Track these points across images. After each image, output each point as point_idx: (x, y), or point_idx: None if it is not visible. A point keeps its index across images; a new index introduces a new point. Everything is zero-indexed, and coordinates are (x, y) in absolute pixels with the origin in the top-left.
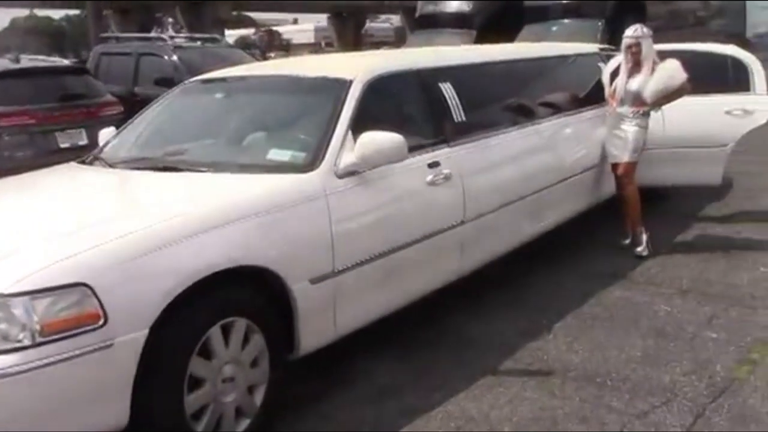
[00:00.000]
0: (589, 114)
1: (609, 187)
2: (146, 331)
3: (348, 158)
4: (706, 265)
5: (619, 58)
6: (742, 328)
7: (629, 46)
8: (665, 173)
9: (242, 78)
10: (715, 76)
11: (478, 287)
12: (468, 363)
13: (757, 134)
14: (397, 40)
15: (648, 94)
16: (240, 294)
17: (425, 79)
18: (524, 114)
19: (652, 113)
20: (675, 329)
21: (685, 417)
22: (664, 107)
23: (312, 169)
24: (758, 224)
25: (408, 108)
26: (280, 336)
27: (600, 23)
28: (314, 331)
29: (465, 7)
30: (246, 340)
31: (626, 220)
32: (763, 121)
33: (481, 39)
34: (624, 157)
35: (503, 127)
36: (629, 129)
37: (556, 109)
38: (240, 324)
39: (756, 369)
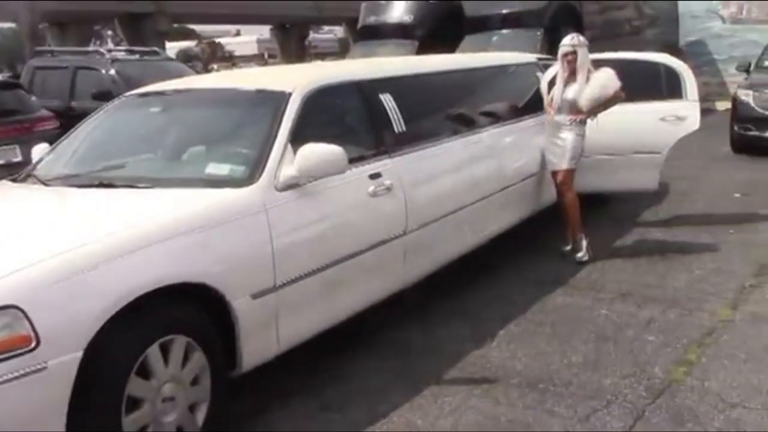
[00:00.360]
0: (528, 123)
1: (550, 195)
2: (80, 353)
3: (288, 171)
4: (644, 269)
5: (556, 67)
6: (679, 330)
7: (566, 54)
8: (603, 179)
9: (181, 91)
10: (649, 84)
11: (423, 297)
12: (413, 373)
13: (689, 140)
14: (341, 51)
15: (583, 102)
16: (179, 311)
17: (365, 91)
18: (465, 123)
19: (589, 121)
20: (615, 333)
21: (626, 419)
22: (600, 115)
23: (251, 183)
24: (693, 227)
25: (348, 120)
26: (222, 353)
27: (539, 33)
28: (256, 347)
29: (406, 18)
30: (186, 358)
31: (567, 226)
32: (696, 127)
33: (422, 49)
34: (563, 164)
35: (444, 137)
36: (567, 137)
37: (496, 118)
38: (180, 342)
39: (692, 370)
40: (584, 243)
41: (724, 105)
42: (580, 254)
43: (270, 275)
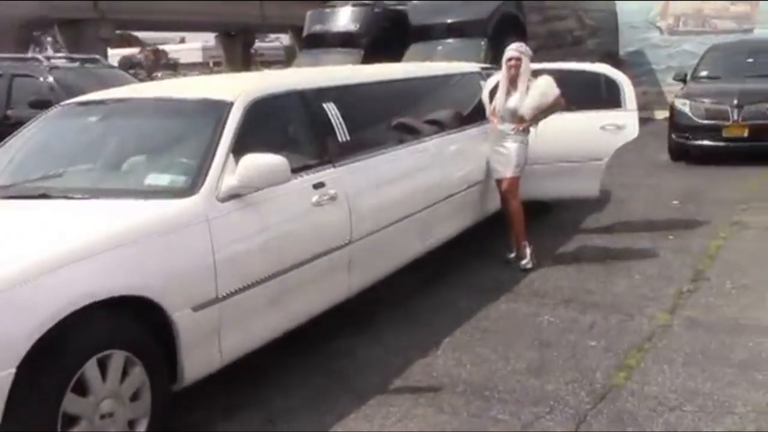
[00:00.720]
0: (472, 131)
1: (494, 202)
2: (13, 370)
3: (230, 181)
4: (586, 275)
5: (498, 76)
6: (620, 335)
7: (510, 59)
8: (547, 187)
9: (121, 100)
10: (589, 94)
11: (369, 306)
12: (359, 383)
13: (629, 148)
14: (288, 59)
15: (524, 110)
16: (117, 325)
17: (309, 100)
18: (410, 132)
19: (532, 129)
20: (558, 339)
21: (568, 424)
22: (542, 123)
23: (192, 194)
24: (633, 234)
25: (292, 129)
26: (163, 366)
27: (482, 42)
28: (199, 360)
29: (352, 26)
30: (125, 372)
31: (511, 233)
32: (635, 135)
33: (368, 58)
34: (507, 172)
35: (389, 145)
36: (511, 145)
37: (440, 127)
38: (118, 357)
39: (632, 374)
40: (528, 250)
41: (662, 114)
42: (524, 261)
43: (212, 287)
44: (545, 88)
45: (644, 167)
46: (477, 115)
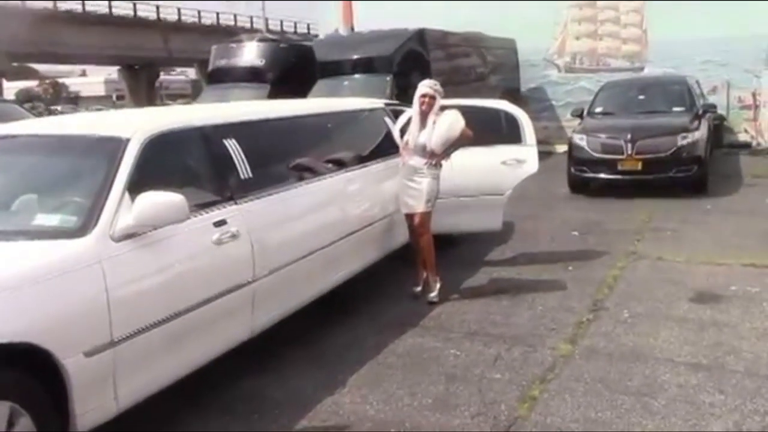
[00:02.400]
0: (377, 167)
1: (401, 237)
2: None
3: (125, 220)
4: (491, 308)
5: (409, 113)
6: (524, 367)
7: (424, 95)
8: (453, 221)
9: (12, 136)
10: (491, 129)
11: (274, 344)
12: (264, 425)
13: (531, 181)
14: (194, 92)
15: (434, 144)
16: (1, 374)
17: (209, 136)
18: (315, 168)
19: (444, 163)
20: (463, 372)
21: None
22: (453, 157)
23: (84, 234)
24: (536, 266)
25: (191, 166)
26: (53, 416)
27: (388, 78)
28: (92, 407)
29: (258, 61)
30: (11, 423)
31: (419, 268)
32: (535, 170)
33: (275, 93)
34: (419, 207)
35: (293, 182)
36: (423, 180)
37: (345, 162)
38: (2, 408)
39: (536, 405)
40: (438, 284)
41: (562, 147)
42: (432, 294)
43: (106, 330)
44: (452, 121)
45: (545, 200)
46: (382, 150)
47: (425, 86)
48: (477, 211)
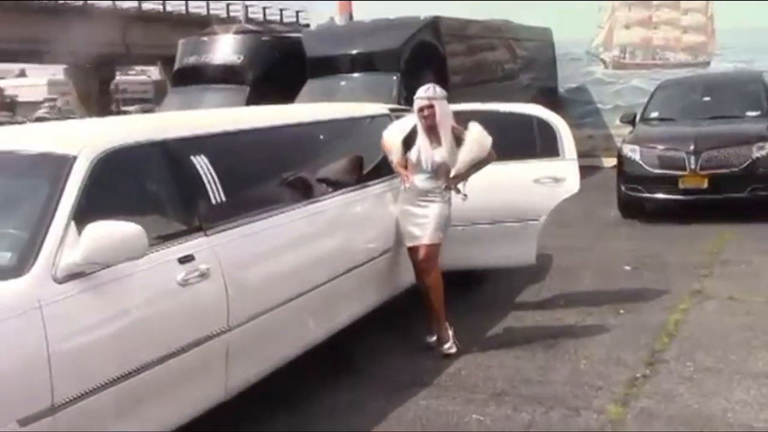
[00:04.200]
0: (381, 187)
1: (408, 274)
2: None
3: (70, 257)
4: (523, 362)
5: (410, 120)
6: None
7: (421, 109)
8: (471, 254)
9: None
10: (521, 141)
11: (254, 407)
12: None
13: (572, 203)
14: (157, 97)
15: (460, 166)
16: None
17: (175, 152)
18: (304, 191)
19: (460, 186)
20: None
21: None
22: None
23: (20, 273)
24: (579, 308)
25: (152, 189)
26: None
27: (395, 78)
28: None
29: (235, 58)
30: None
31: (431, 313)
32: (576, 189)
33: (255, 97)
34: (425, 238)
35: (277, 207)
36: (432, 205)
37: (342, 182)
38: None
39: None
40: (450, 332)
41: (610, 161)
42: (446, 346)
43: (46, 393)
44: (482, 137)
45: (590, 226)
46: (386, 168)
47: (420, 98)
48: (504, 242)
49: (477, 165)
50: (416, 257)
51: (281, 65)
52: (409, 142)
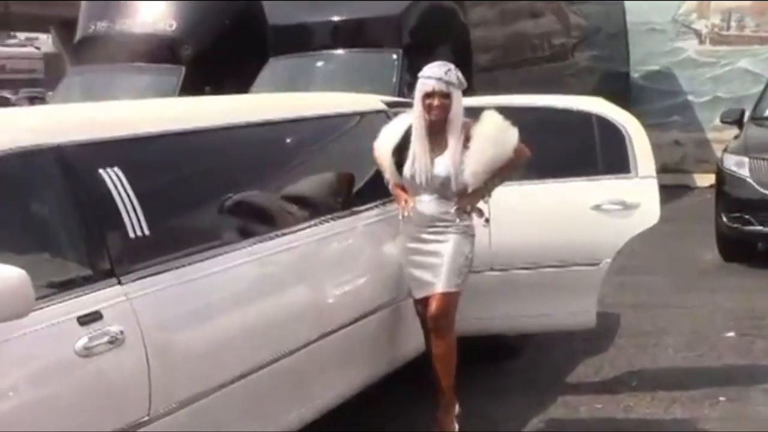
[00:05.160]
0: (374, 215)
1: (413, 340)
2: None
3: None
4: None
5: (406, 120)
6: None
7: (429, 95)
8: (502, 313)
9: None
10: (574, 150)
11: None
12: None
13: (649, 240)
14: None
15: (468, 176)
16: None
17: (75, 164)
18: (262, 220)
19: (482, 205)
20: None
21: None
22: (496, 200)
23: None
24: (659, 394)
25: (41, 217)
26: None
27: (394, 56)
28: None
29: (166, 26)
30: None
31: (439, 390)
32: (655, 220)
33: (194, 82)
34: (439, 285)
35: (223, 243)
36: (446, 237)
37: (317, 209)
38: None
39: None
40: (457, 409)
41: (706, 178)
42: None
43: None
44: (497, 131)
45: (675, 274)
46: (382, 188)
47: (430, 77)
48: (550, 296)
49: (500, 173)
50: (426, 312)
51: (232, 37)
52: (403, 151)
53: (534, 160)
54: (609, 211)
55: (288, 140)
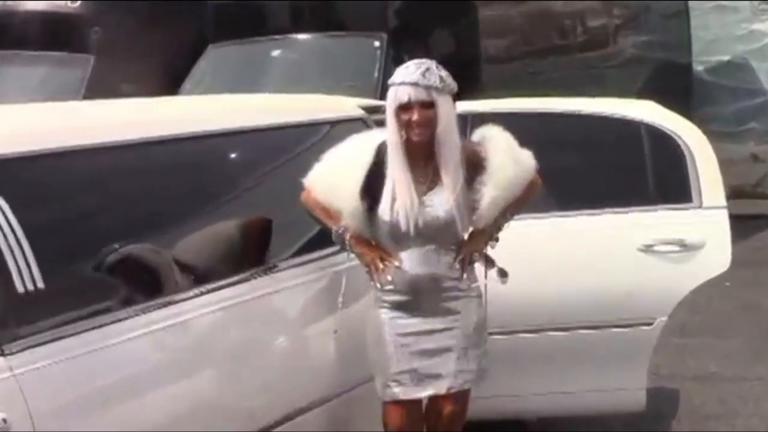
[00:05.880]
0: (330, 264)
1: None
2: None
3: None
4: None
5: (374, 139)
6: None
7: (405, 107)
8: (516, 392)
9: None
10: (615, 172)
11: None
12: None
13: (716, 291)
14: None
15: (486, 206)
16: None
17: None
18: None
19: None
20: None
21: None
22: (507, 238)
23: None
24: None
25: None
26: None
27: (377, 44)
28: None
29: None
30: None
31: None
32: (725, 265)
33: (107, 76)
34: (445, 380)
35: (125, 306)
36: (452, 307)
37: (252, 259)
38: None
39: None
40: None
41: None
42: None
43: None
44: (514, 151)
45: (752, 336)
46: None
47: (403, 84)
48: (582, 367)
49: (514, 203)
50: (429, 419)
51: (158, 18)
52: (374, 186)
53: (560, 187)
54: (663, 253)
55: (217, 164)
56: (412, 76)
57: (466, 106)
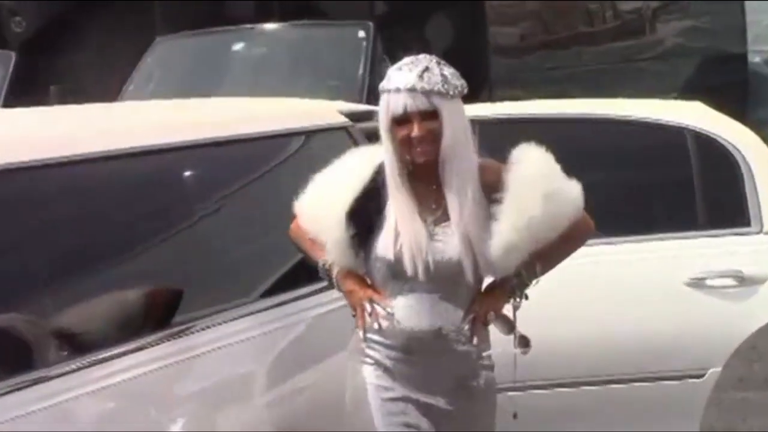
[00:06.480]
0: (311, 305)
1: None
2: None
3: None
4: None
5: (370, 158)
6: None
7: (401, 120)
8: None
9: None
10: (656, 190)
11: None
12: None
13: None
14: None
15: (498, 264)
16: None
17: None
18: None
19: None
20: None
21: None
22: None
23: None
24: None
25: None
26: None
27: (362, 34)
28: None
29: None
30: None
31: None
32: None
33: (32, 75)
34: None
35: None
36: (470, 374)
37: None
38: None
39: None
40: None
41: None
42: None
43: None
44: (549, 182)
45: None
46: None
47: (397, 90)
48: (619, 427)
49: (548, 251)
50: None
51: (92, 6)
52: (365, 215)
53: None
54: (716, 288)
55: (157, 188)
56: (406, 79)
57: (468, 110)
